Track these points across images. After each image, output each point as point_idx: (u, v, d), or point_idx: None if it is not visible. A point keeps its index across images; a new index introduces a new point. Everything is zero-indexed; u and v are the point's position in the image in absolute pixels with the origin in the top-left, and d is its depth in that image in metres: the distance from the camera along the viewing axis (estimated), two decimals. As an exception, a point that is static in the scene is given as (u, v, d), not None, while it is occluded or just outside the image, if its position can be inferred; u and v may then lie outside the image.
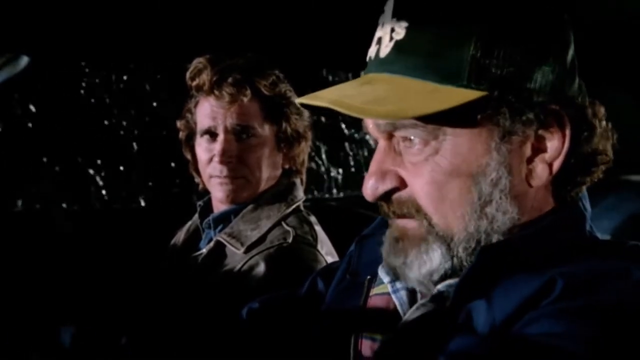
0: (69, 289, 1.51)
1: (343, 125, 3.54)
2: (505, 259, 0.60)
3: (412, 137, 0.62)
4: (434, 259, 0.63)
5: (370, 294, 0.74)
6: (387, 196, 0.65)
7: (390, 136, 0.65)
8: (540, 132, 0.61)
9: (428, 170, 0.62)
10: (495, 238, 0.62)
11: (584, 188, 0.68)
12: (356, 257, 0.80)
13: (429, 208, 0.63)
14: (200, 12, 1.21)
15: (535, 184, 0.63)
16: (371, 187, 0.65)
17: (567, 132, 0.61)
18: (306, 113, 1.30)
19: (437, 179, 0.62)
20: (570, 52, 0.64)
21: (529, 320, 0.55)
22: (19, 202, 2.78)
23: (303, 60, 1.51)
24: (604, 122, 0.66)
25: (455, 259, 0.63)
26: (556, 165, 0.62)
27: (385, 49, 0.63)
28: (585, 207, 0.68)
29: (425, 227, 0.64)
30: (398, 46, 0.62)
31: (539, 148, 0.62)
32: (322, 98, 0.62)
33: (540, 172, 0.62)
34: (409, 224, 0.65)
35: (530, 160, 0.63)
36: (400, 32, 0.62)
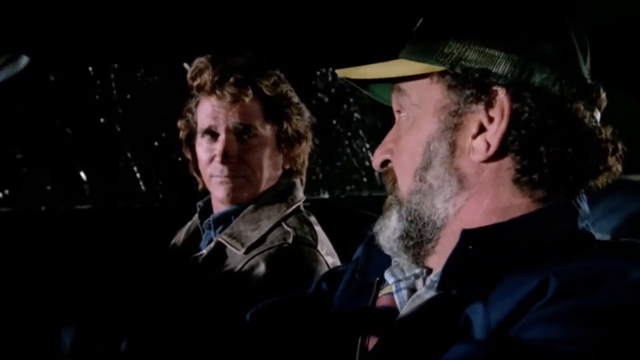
0: (69, 289, 1.51)
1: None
2: (489, 245, 0.63)
3: (399, 109, 0.73)
4: (392, 221, 0.72)
5: (380, 294, 0.75)
6: (384, 166, 0.76)
7: (398, 112, 0.75)
8: (489, 112, 0.66)
9: (402, 142, 0.72)
10: (437, 205, 0.68)
11: (575, 189, 0.68)
12: (365, 257, 0.82)
13: (397, 174, 0.73)
14: (200, 12, 1.21)
15: (475, 159, 0.67)
16: (375, 156, 0.76)
17: (506, 111, 0.65)
18: (307, 113, 1.30)
19: (401, 145, 0.72)
20: (544, 47, 0.66)
21: (525, 324, 0.55)
22: (19, 203, 2.78)
23: (303, 60, 1.51)
24: (591, 126, 0.66)
25: (404, 222, 0.71)
26: (494, 142, 0.65)
27: (411, 38, 0.75)
28: (578, 205, 0.68)
29: (393, 195, 0.73)
30: (412, 35, 0.74)
31: (484, 127, 0.67)
32: (349, 71, 0.76)
33: (480, 147, 0.67)
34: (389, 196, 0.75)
35: (474, 137, 0.67)
36: (418, 26, 0.74)
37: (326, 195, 3.36)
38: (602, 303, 0.54)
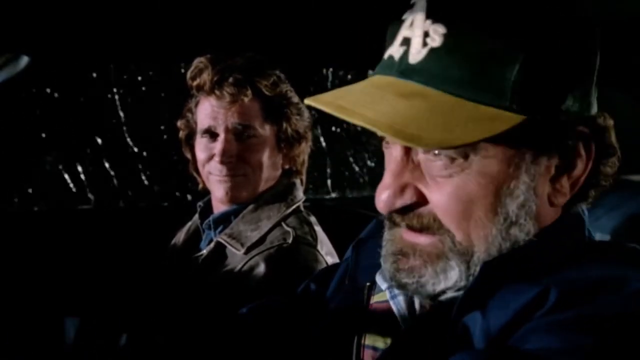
0: (70, 289, 1.51)
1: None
2: (506, 270, 0.59)
3: (437, 152, 0.59)
4: (451, 278, 0.61)
5: (371, 301, 0.73)
6: (403, 210, 0.62)
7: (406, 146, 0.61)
8: (569, 153, 0.61)
9: (453, 188, 0.59)
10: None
11: (586, 200, 0.67)
12: (353, 262, 0.79)
13: (452, 225, 0.60)
14: (200, 12, 1.21)
15: (557, 203, 0.62)
16: (387, 201, 0.61)
17: (592, 153, 0.61)
18: (306, 113, 1.30)
19: (463, 197, 0.59)
20: (596, 72, 0.62)
21: (524, 333, 0.54)
22: (19, 203, 2.78)
23: (303, 60, 1.51)
24: (610, 136, 0.65)
25: (471, 278, 0.61)
26: (579, 184, 0.62)
27: (417, 55, 0.58)
28: (583, 211, 0.67)
29: (446, 244, 0.61)
30: (434, 54, 0.57)
31: (565, 168, 0.61)
32: (357, 115, 0.56)
33: (564, 192, 0.61)
34: (421, 239, 0.62)
35: (554, 180, 0.61)
36: (436, 39, 0.57)
37: (334, 195, 3.37)
38: (601, 312, 0.52)
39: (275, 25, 1.24)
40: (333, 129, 3.40)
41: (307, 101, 0.60)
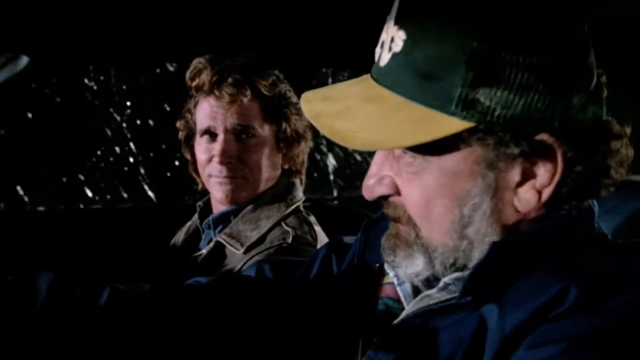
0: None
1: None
2: (516, 256, 0.60)
3: (403, 150, 0.63)
4: (417, 264, 0.66)
5: (382, 282, 0.75)
6: (385, 199, 0.68)
7: None
8: (531, 159, 0.60)
9: (418, 184, 0.63)
10: (475, 256, 0.63)
11: (590, 197, 0.66)
12: (362, 242, 0.81)
13: (417, 219, 0.65)
14: (199, 12, 1.21)
15: (522, 210, 0.61)
16: (369, 189, 0.67)
17: (559, 163, 0.59)
18: (306, 113, 1.29)
19: (425, 194, 0.63)
20: (578, 76, 0.59)
21: (540, 333, 0.53)
22: (18, 203, 2.78)
23: (303, 60, 1.51)
24: (619, 140, 0.63)
25: (435, 269, 0.65)
26: (546, 192, 0.60)
27: (385, 58, 0.62)
28: (594, 204, 0.66)
29: (412, 236, 0.66)
30: (395, 59, 0.60)
31: (528, 175, 0.60)
32: (310, 112, 0.64)
33: (529, 198, 0.61)
34: (401, 226, 0.68)
35: (518, 186, 0.61)
36: (398, 44, 0.60)
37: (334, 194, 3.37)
38: (622, 320, 0.52)
39: (274, 25, 1.24)
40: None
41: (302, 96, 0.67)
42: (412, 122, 0.58)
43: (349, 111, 0.62)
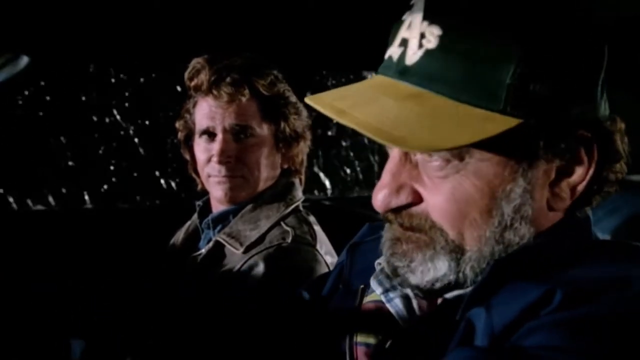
0: (69, 288, 1.51)
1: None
2: (515, 268, 0.59)
3: (432, 153, 0.59)
4: (440, 268, 0.61)
5: (364, 301, 0.73)
6: (398, 209, 0.62)
7: None
8: (569, 157, 0.59)
9: (449, 188, 0.59)
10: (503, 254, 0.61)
11: (593, 202, 0.66)
12: (348, 267, 0.79)
13: (446, 225, 0.60)
14: (199, 12, 1.21)
15: (556, 208, 0.61)
16: (383, 200, 0.62)
17: (595, 158, 0.59)
18: (305, 113, 1.29)
19: (458, 198, 0.59)
20: (603, 75, 0.61)
21: (527, 331, 0.54)
22: (18, 203, 2.78)
23: (302, 60, 1.51)
24: (625, 139, 0.64)
25: (460, 275, 0.61)
26: (579, 189, 0.60)
27: (413, 56, 0.58)
28: (588, 215, 0.67)
29: (438, 240, 0.61)
30: (429, 56, 0.57)
31: (564, 173, 0.60)
32: (348, 116, 0.57)
33: (564, 197, 0.60)
34: (419, 234, 0.63)
35: (553, 185, 0.60)
36: (431, 40, 0.57)
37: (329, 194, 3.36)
38: (606, 311, 0.52)
39: (273, 25, 1.24)
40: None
41: (307, 100, 0.61)
42: (460, 121, 0.55)
43: (385, 112, 0.57)
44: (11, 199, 2.76)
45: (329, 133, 3.46)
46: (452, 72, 0.56)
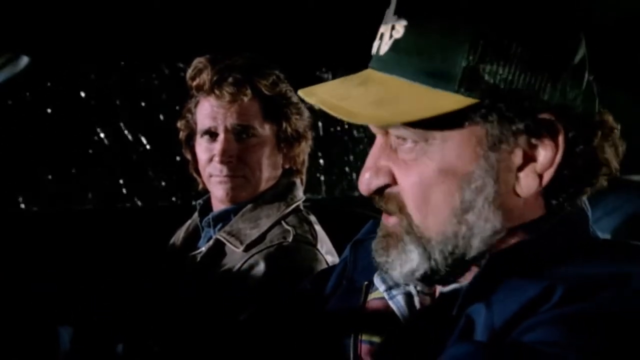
0: (68, 288, 1.51)
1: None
2: (512, 264, 0.60)
3: (404, 136, 0.63)
4: (413, 259, 0.64)
5: (368, 298, 0.74)
6: (380, 191, 0.66)
7: (387, 132, 0.65)
8: (533, 141, 0.60)
9: (416, 171, 0.63)
10: (475, 245, 0.62)
11: (585, 195, 0.67)
12: (352, 263, 0.80)
13: (412, 207, 0.64)
14: (199, 12, 1.21)
15: (523, 194, 0.62)
16: (365, 182, 0.66)
17: (561, 143, 0.60)
18: (306, 113, 1.30)
19: (424, 180, 0.62)
20: (574, 60, 0.61)
21: (527, 326, 0.54)
22: (18, 203, 2.78)
23: (303, 60, 1.51)
24: (613, 132, 0.64)
25: (432, 261, 0.63)
26: (547, 176, 0.61)
27: (384, 46, 0.63)
28: (588, 208, 0.67)
29: (403, 227, 0.65)
30: (395, 45, 0.62)
31: (530, 157, 0.61)
32: (315, 95, 0.64)
33: (530, 182, 0.61)
34: (390, 220, 0.67)
35: (519, 169, 0.61)
36: (399, 31, 0.62)
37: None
38: (605, 308, 0.53)
39: (274, 25, 1.24)
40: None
41: (299, 92, 0.66)
42: (415, 100, 0.59)
43: (349, 94, 0.63)
44: (11, 199, 2.76)
45: (331, 132, 3.46)
46: (414, 57, 0.60)
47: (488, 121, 0.59)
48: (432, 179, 0.62)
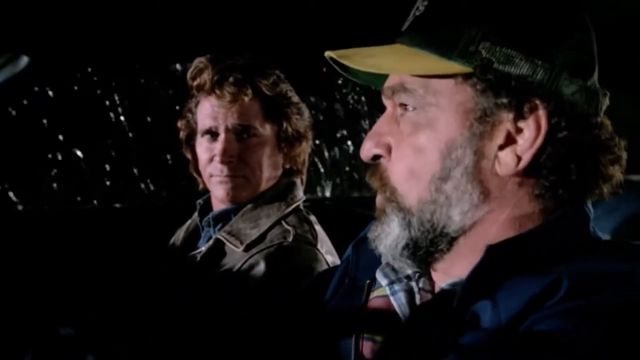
0: (68, 288, 1.51)
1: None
2: (511, 258, 0.60)
3: (405, 103, 0.66)
4: (393, 229, 0.67)
5: (370, 296, 0.74)
6: (376, 159, 0.69)
7: (394, 104, 0.68)
8: (518, 124, 0.62)
9: (409, 141, 0.66)
10: (453, 217, 0.64)
11: (586, 195, 0.67)
12: (354, 262, 0.80)
13: (397, 180, 0.67)
14: (200, 12, 1.21)
15: (501, 172, 0.63)
16: (366, 148, 0.69)
17: (543, 125, 0.61)
18: (307, 113, 1.30)
19: (414, 150, 0.65)
20: (577, 55, 0.63)
21: (534, 320, 0.55)
22: (18, 203, 2.78)
23: (303, 60, 1.51)
24: (613, 139, 0.65)
25: (412, 230, 0.65)
26: (526, 157, 0.62)
27: (408, 22, 0.68)
28: (589, 209, 0.67)
29: (386, 197, 0.68)
30: (415, 21, 0.67)
31: (512, 139, 0.63)
32: (333, 52, 0.68)
33: (509, 161, 0.63)
34: (378, 198, 0.70)
35: (501, 148, 0.63)
36: (421, 9, 0.67)
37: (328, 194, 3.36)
38: (610, 302, 0.54)
39: (274, 25, 1.24)
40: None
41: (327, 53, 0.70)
42: (415, 61, 0.65)
43: (363, 54, 0.68)
44: (11, 199, 2.76)
45: (332, 133, 3.46)
46: (426, 31, 0.66)
47: (477, 91, 0.63)
48: (420, 149, 0.65)
